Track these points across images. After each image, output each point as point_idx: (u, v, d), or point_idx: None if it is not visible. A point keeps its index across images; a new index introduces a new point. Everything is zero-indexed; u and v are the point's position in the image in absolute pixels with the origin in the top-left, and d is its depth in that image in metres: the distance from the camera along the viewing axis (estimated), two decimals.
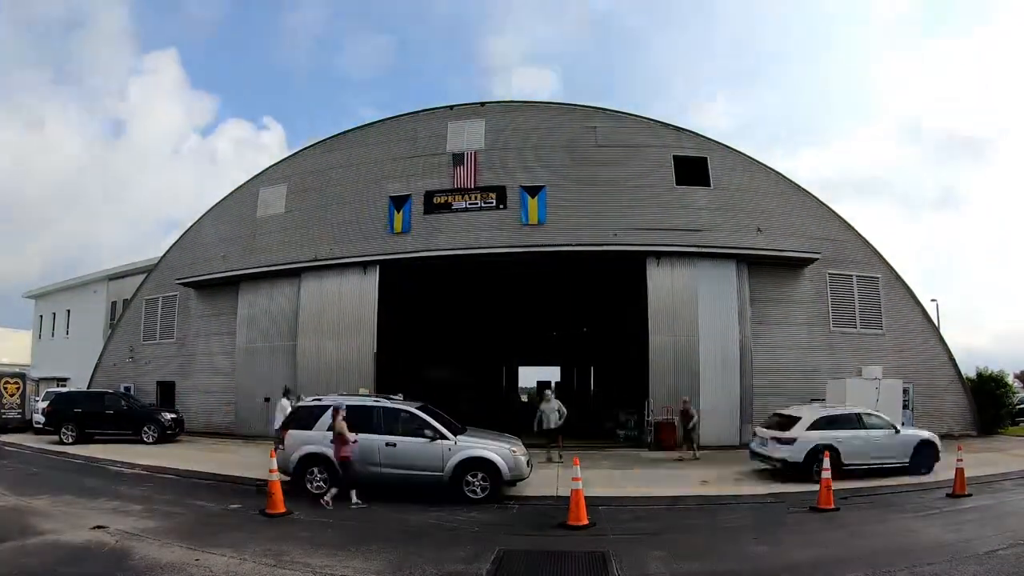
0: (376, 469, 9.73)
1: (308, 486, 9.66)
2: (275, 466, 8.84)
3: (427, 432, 9.87)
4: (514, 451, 9.92)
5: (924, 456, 11.70)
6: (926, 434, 12.22)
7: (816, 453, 10.49)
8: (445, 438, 9.82)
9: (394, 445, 9.78)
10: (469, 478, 9.59)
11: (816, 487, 8.95)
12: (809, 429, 11.29)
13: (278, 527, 7.74)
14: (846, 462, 11.00)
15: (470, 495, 9.50)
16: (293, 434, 10.10)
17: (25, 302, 36.43)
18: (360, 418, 9.83)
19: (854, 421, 11.74)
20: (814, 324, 18.18)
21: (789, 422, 11.67)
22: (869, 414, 12.10)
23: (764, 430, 12.11)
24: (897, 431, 11.82)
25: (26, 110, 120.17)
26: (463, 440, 9.93)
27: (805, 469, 10.64)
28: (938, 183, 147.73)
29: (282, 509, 8.33)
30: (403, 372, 23.96)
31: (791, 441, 11.13)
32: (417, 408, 10.39)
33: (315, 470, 9.76)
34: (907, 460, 11.62)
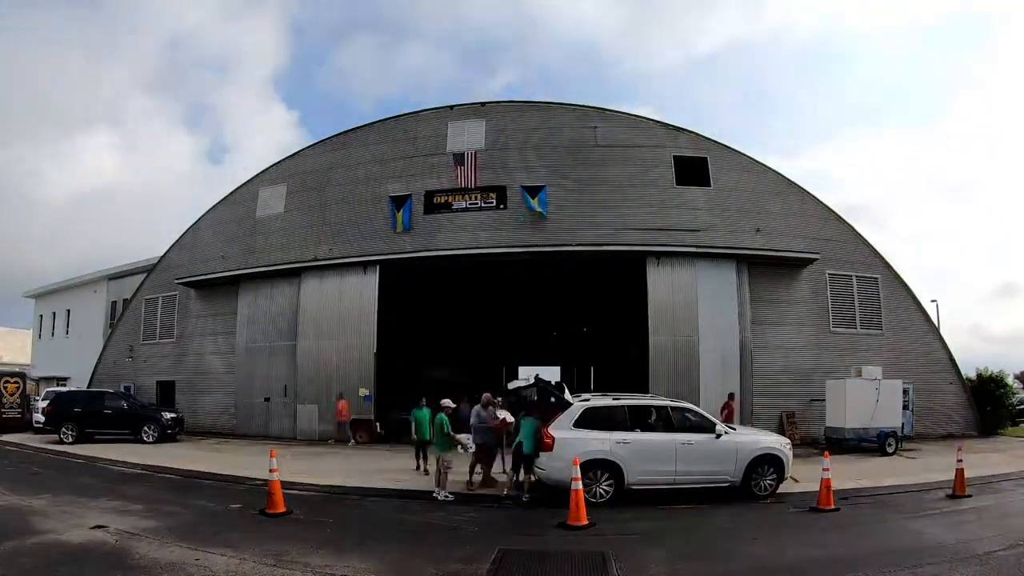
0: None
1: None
2: (275, 465, 8.70)
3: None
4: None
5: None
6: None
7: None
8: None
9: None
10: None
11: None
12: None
13: (278, 527, 7.73)
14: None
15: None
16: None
17: (25, 302, 36.48)
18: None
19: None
20: (814, 324, 18.20)
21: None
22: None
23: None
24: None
25: None
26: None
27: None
28: None
29: (282, 509, 8.32)
30: (403, 372, 23.94)
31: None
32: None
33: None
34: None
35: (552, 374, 48.10)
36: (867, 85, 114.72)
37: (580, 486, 7.95)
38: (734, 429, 10.30)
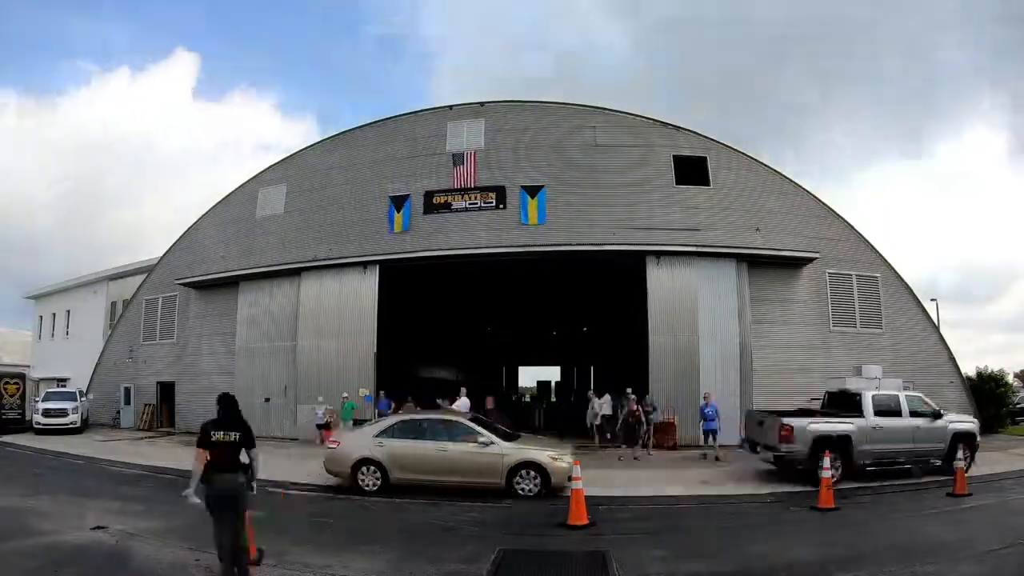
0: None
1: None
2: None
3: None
4: None
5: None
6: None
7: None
8: None
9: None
10: None
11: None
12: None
13: (278, 527, 7.72)
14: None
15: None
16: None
17: (25, 302, 36.47)
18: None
19: None
20: (814, 323, 18.18)
21: None
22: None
23: None
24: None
25: None
26: None
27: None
28: None
29: None
30: (403, 372, 23.97)
31: None
32: None
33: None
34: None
35: (552, 374, 48.25)
36: None
37: (581, 485, 7.96)
38: None
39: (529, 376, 50.91)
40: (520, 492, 9.65)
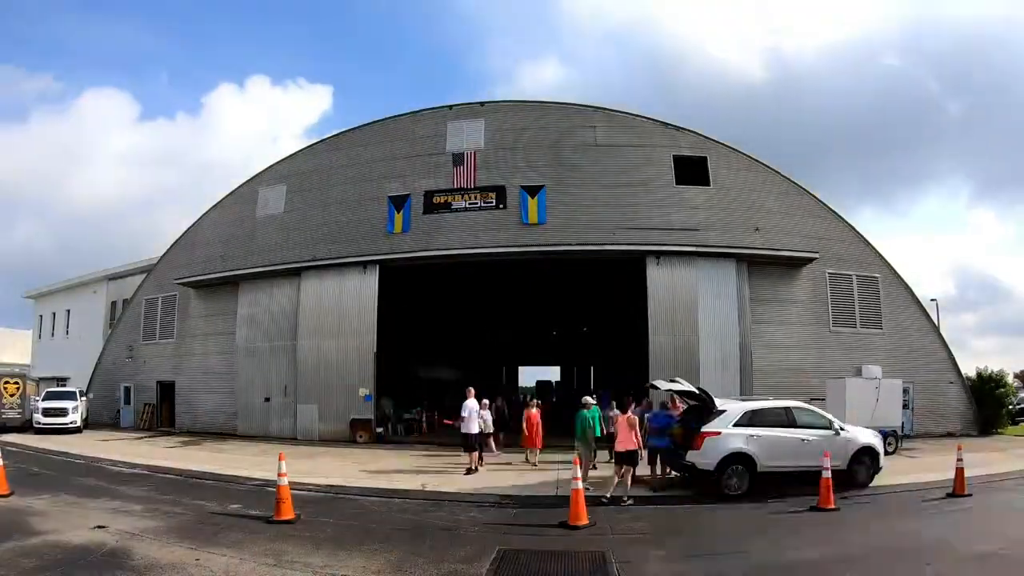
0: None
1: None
2: (284, 469, 8.22)
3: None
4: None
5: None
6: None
7: None
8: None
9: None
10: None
11: None
12: None
13: (278, 527, 7.72)
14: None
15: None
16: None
17: (25, 302, 36.47)
18: None
19: None
20: (814, 323, 18.19)
21: None
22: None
23: None
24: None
25: None
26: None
27: None
28: None
29: (291, 515, 7.93)
30: (403, 372, 23.97)
31: None
32: None
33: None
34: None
35: (552, 374, 48.27)
36: None
37: (580, 485, 7.96)
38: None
39: (529, 376, 50.93)
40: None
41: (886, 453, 14.23)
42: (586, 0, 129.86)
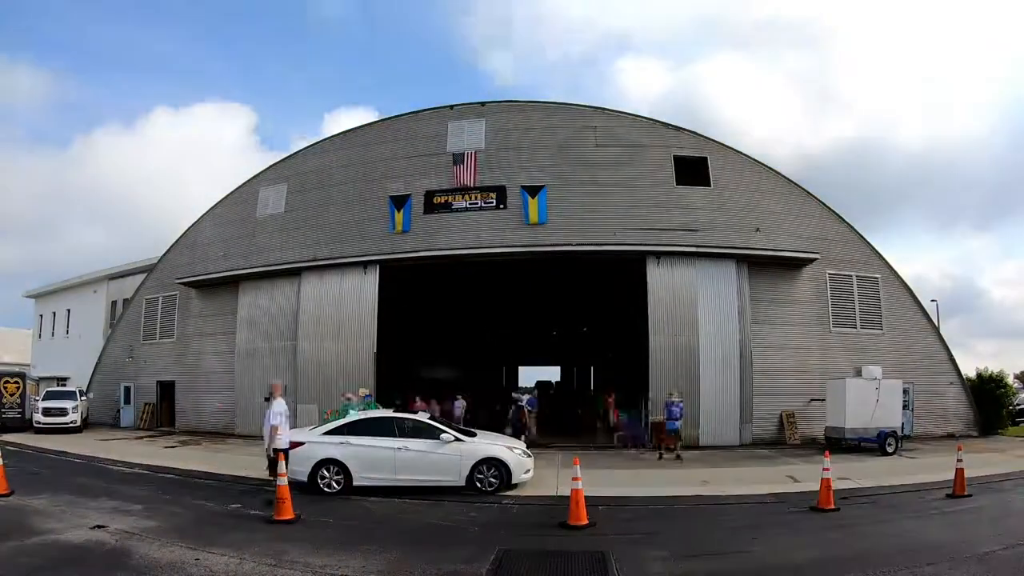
0: None
1: None
2: (283, 469, 8.28)
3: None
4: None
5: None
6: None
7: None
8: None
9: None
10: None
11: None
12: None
13: (278, 527, 7.73)
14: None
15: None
16: None
17: (25, 302, 36.49)
18: None
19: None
20: (814, 324, 18.19)
21: None
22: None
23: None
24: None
25: None
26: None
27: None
28: None
29: (291, 515, 7.95)
30: (403, 372, 23.97)
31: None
32: None
33: None
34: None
35: (552, 374, 48.27)
36: None
37: (580, 486, 7.96)
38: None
39: (529, 376, 50.95)
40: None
41: (887, 453, 14.35)
42: None
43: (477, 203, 18.97)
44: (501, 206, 18.80)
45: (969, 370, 19.89)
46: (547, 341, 39.82)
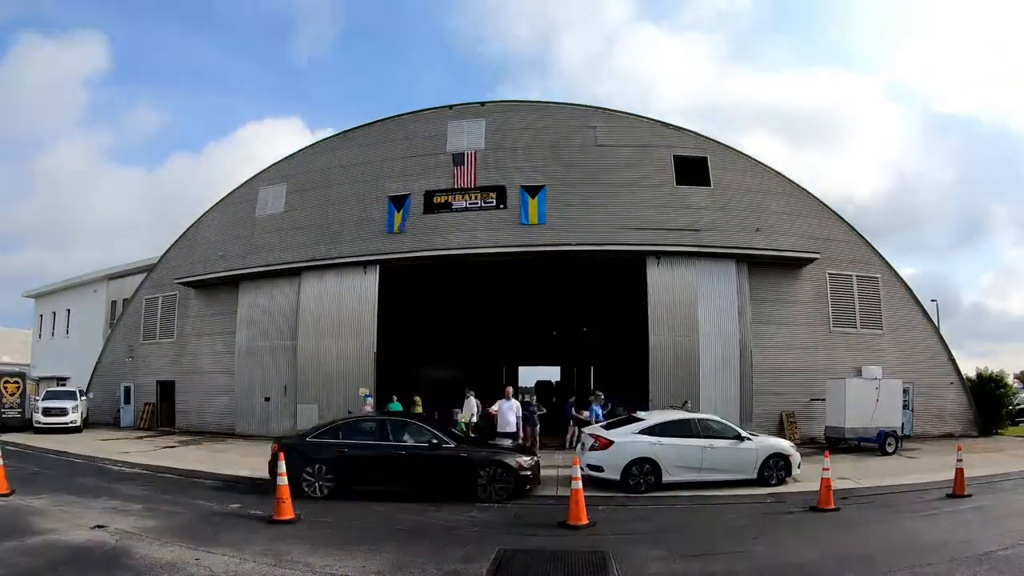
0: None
1: None
2: (283, 469, 8.21)
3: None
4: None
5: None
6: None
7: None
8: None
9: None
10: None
11: None
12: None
13: (278, 527, 7.72)
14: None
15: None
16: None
17: (25, 301, 36.48)
18: None
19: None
20: (814, 324, 18.19)
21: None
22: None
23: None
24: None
25: None
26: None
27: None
28: None
29: (291, 515, 7.93)
30: (403, 372, 23.95)
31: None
32: None
33: None
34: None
35: (552, 374, 48.23)
36: None
37: (580, 485, 7.97)
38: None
39: (529, 376, 50.87)
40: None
41: (887, 453, 14.35)
42: None
43: (477, 203, 18.97)
44: (501, 206, 18.80)
45: (969, 370, 19.93)
46: (547, 341, 39.77)
